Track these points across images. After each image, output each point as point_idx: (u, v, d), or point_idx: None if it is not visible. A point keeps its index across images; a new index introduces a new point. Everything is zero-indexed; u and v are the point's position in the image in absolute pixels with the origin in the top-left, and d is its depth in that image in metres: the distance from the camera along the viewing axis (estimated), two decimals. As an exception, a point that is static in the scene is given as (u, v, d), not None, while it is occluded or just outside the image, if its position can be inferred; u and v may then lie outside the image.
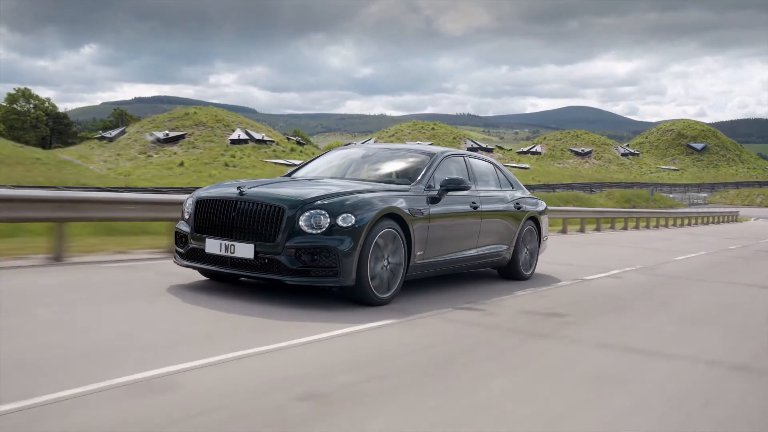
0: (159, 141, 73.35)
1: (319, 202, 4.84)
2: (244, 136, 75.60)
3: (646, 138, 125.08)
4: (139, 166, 64.76)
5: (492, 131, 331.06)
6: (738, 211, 45.84)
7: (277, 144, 77.81)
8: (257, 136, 77.07)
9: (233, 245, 4.81)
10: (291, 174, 6.63)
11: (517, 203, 7.23)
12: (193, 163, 64.67)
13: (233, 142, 74.79)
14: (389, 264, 5.16)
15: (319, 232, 4.73)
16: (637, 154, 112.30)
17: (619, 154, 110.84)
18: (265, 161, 67.85)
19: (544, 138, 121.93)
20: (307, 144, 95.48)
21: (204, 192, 5.30)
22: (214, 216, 4.99)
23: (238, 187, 5.05)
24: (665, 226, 27.41)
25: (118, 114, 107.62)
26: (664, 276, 8.86)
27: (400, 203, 5.29)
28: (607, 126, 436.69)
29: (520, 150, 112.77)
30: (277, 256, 4.71)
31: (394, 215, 5.17)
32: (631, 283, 7.88)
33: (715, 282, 8.61)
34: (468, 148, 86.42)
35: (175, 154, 69.97)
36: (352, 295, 5.02)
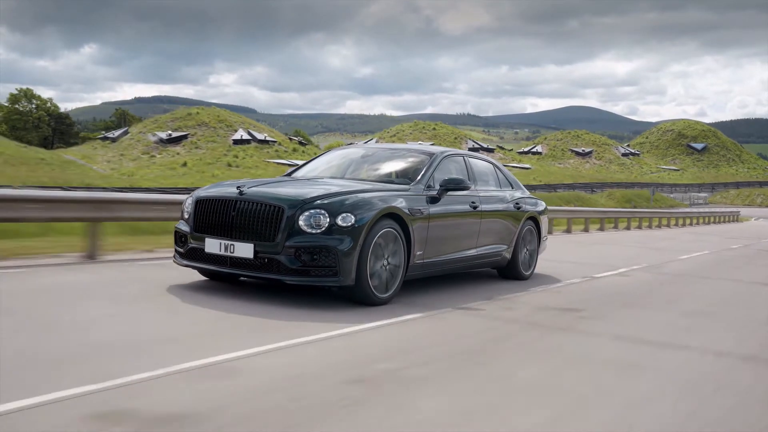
0: (162, 141, 73.64)
1: (318, 202, 4.86)
2: (246, 137, 75.85)
3: (647, 138, 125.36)
4: (142, 166, 65.06)
5: (492, 131, 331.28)
6: (739, 211, 46.10)
7: (280, 144, 78.09)
8: (259, 136, 77.33)
9: (233, 245, 4.83)
10: (290, 174, 6.63)
11: (517, 203, 7.24)
12: (196, 164, 64.96)
13: (236, 142, 75.02)
14: (389, 264, 5.16)
15: (318, 231, 4.74)
16: (637, 154, 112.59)
17: (619, 154, 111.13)
18: (268, 161, 68.13)
19: (545, 138, 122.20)
20: (309, 144, 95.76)
21: (203, 191, 5.30)
22: (214, 216, 5.01)
23: (238, 187, 5.06)
24: (667, 226, 27.69)
25: (120, 114, 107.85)
26: (670, 274, 9.14)
27: (400, 203, 5.29)
28: (607, 126, 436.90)
29: (521, 150, 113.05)
30: (276, 256, 4.73)
31: (393, 215, 5.18)
32: (639, 280, 8.17)
33: (720, 279, 8.90)
34: (469, 149, 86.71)
35: (178, 154, 70.27)
36: (351, 295, 5.04)
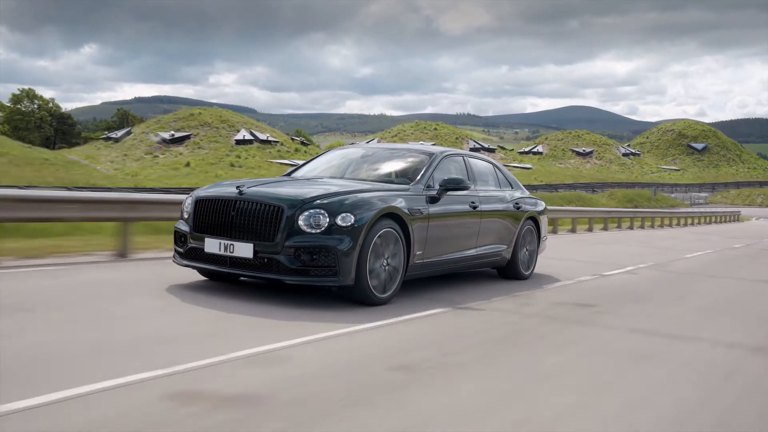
0: (164, 141, 73.96)
1: (318, 202, 4.86)
2: (248, 137, 76.15)
3: (647, 138, 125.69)
4: (145, 166, 65.33)
5: (492, 131, 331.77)
6: (739, 211, 46.38)
7: (282, 144, 78.40)
8: (262, 136, 77.65)
9: (232, 245, 4.84)
10: (290, 174, 6.64)
11: (517, 203, 7.25)
12: (199, 164, 65.23)
13: (238, 142, 75.32)
14: (388, 264, 5.16)
15: (318, 231, 4.74)
16: (638, 154, 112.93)
17: (620, 154, 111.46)
18: (270, 161, 68.41)
19: (546, 138, 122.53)
20: (311, 144, 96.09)
21: (203, 191, 5.30)
22: (214, 215, 5.02)
23: (238, 187, 5.06)
24: (669, 226, 27.98)
25: (122, 114, 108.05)
26: (677, 272, 9.43)
27: (400, 203, 5.29)
28: (607, 126, 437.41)
29: (522, 150, 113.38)
30: (276, 256, 4.73)
31: (393, 215, 5.18)
32: (647, 278, 8.45)
33: (725, 277, 9.19)
34: (470, 149, 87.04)
35: (180, 154, 70.57)
36: (351, 295, 5.03)
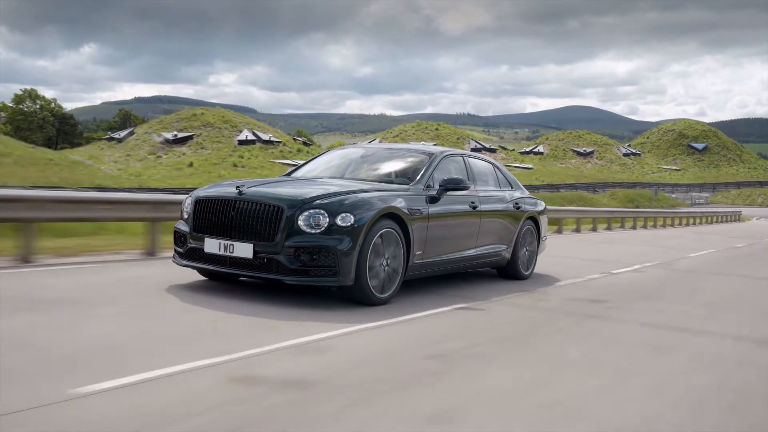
0: (167, 142, 74.28)
1: (318, 202, 4.86)
2: (251, 137, 76.49)
3: (648, 138, 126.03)
4: (149, 166, 65.67)
5: (492, 131, 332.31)
6: (740, 211, 46.67)
7: (284, 144, 78.75)
8: (264, 137, 77.99)
9: (232, 245, 4.84)
10: (290, 174, 6.65)
11: (516, 203, 7.25)
12: (202, 164, 65.58)
13: (241, 143, 75.66)
14: (388, 264, 5.16)
15: (318, 231, 4.74)
16: (638, 154, 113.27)
17: (620, 154, 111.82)
18: (273, 161, 68.73)
19: (547, 138, 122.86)
20: (312, 144, 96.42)
21: (203, 191, 5.30)
22: (213, 215, 5.02)
23: (237, 187, 5.06)
24: (671, 226, 28.26)
25: (123, 114, 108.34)
26: (682, 270, 9.71)
27: (399, 203, 5.29)
28: (607, 125, 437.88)
29: (523, 150, 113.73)
30: (276, 256, 4.73)
31: (393, 215, 5.18)
32: (654, 276, 8.73)
33: (730, 275, 9.46)
34: (472, 149, 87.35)
35: (183, 154, 70.91)
36: (350, 295, 5.03)
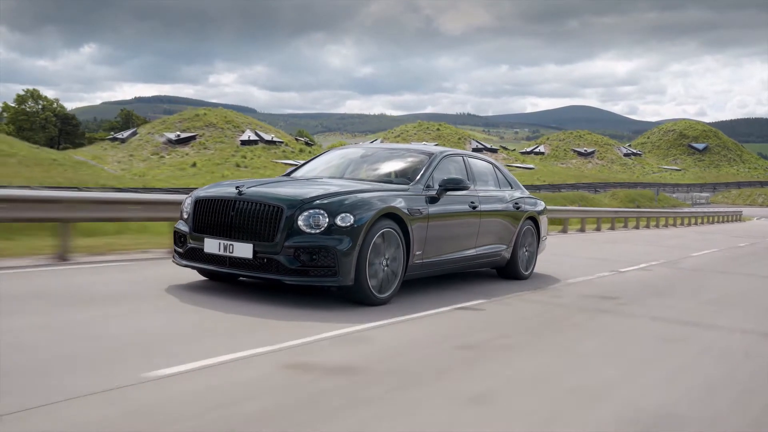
0: (170, 142, 74.57)
1: (317, 202, 4.87)
2: (254, 137, 76.80)
3: (648, 138, 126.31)
4: (152, 166, 65.96)
5: (492, 131, 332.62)
6: (741, 211, 46.96)
7: (286, 145, 79.07)
8: (267, 137, 78.32)
9: (232, 245, 4.85)
10: (290, 174, 6.65)
11: (516, 203, 7.26)
12: (205, 164, 65.88)
13: (243, 143, 75.96)
14: (388, 264, 5.17)
15: (317, 231, 4.75)
16: (639, 155, 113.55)
17: (621, 154, 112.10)
18: (276, 162, 69.02)
19: (548, 138, 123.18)
20: (314, 144, 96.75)
21: (203, 192, 5.30)
22: (213, 216, 5.03)
23: (237, 187, 5.07)
24: (673, 225, 28.56)
25: (125, 114, 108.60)
26: (687, 269, 10.00)
27: (399, 203, 5.30)
28: (607, 125, 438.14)
29: (524, 150, 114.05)
30: (275, 256, 4.73)
31: (392, 215, 5.19)
32: (661, 274, 9.01)
33: (734, 274, 9.76)
34: (473, 149, 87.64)
35: (187, 155, 71.22)
36: (350, 295, 5.05)
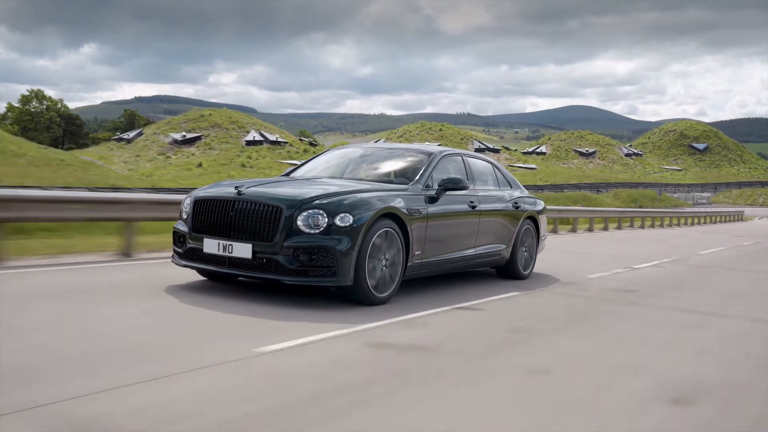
0: (176, 142, 75.15)
1: (317, 202, 4.88)
2: (258, 138, 77.36)
3: (649, 138, 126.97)
4: (159, 167, 66.53)
5: (492, 131, 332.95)
6: (743, 211, 47.52)
7: (291, 145, 79.65)
8: (271, 137, 78.89)
9: (231, 245, 4.85)
10: (289, 173, 6.66)
11: (516, 203, 7.28)
12: (211, 164, 66.44)
13: (248, 143, 76.52)
14: (387, 264, 5.18)
15: (317, 231, 4.75)
16: (640, 155, 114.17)
17: (622, 154, 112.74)
18: (281, 162, 69.56)
19: (549, 138, 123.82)
20: (318, 145, 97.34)
21: (202, 192, 5.31)
22: (212, 216, 5.04)
23: (236, 187, 5.08)
24: (677, 225, 29.12)
25: (129, 115, 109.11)
26: (697, 266, 10.55)
27: (398, 203, 5.32)
28: (607, 125, 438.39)
29: (525, 150, 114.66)
30: (275, 256, 4.74)
31: (392, 215, 5.20)
32: (673, 270, 9.56)
33: (742, 270, 10.32)
34: (475, 149, 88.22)
35: (192, 155, 71.80)
36: (350, 295, 5.05)
